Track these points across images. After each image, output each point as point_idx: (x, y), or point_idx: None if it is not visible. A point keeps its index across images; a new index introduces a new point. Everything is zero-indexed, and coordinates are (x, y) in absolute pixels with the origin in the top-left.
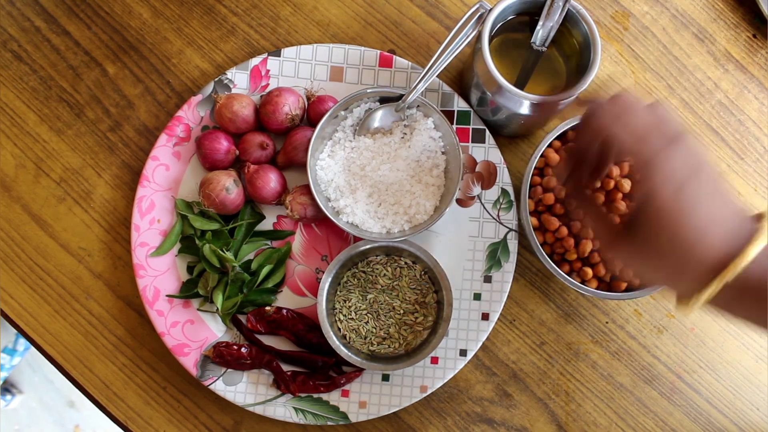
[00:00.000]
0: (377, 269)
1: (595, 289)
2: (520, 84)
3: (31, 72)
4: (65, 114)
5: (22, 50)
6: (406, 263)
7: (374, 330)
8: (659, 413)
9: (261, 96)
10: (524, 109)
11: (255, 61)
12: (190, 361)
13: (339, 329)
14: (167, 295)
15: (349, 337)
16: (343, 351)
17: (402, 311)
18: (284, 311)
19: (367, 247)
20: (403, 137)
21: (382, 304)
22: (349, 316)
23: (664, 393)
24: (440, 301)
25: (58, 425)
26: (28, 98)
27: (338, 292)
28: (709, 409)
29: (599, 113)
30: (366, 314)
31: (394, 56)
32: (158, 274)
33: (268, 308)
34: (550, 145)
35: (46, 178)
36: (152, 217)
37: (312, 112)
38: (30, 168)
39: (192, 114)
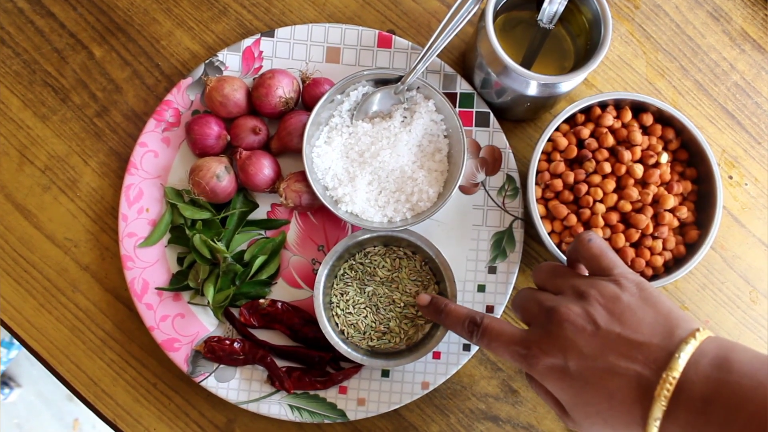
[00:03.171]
0: (375, 260)
1: None
2: (526, 64)
3: (14, 55)
4: (50, 99)
5: (4, 33)
6: (405, 254)
7: (374, 324)
8: None
9: (254, 79)
10: (531, 90)
11: (247, 42)
12: (180, 357)
13: (337, 324)
14: (156, 288)
15: (348, 333)
16: (341, 347)
17: (402, 304)
18: (279, 304)
19: (365, 237)
20: (403, 121)
21: (381, 297)
22: (347, 311)
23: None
24: (442, 293)
25: (57, 419)
26: (11, 83)
27: (335, 285)
28: None
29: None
30: (365, 308)
31: (394, 36)
32: (147, 265)
33: (262, 301)
34: (557, 129)
35: (31, 166)
36: (140, 206)
37: (307, 96)
38: (13, 156)
39: (182, 98)
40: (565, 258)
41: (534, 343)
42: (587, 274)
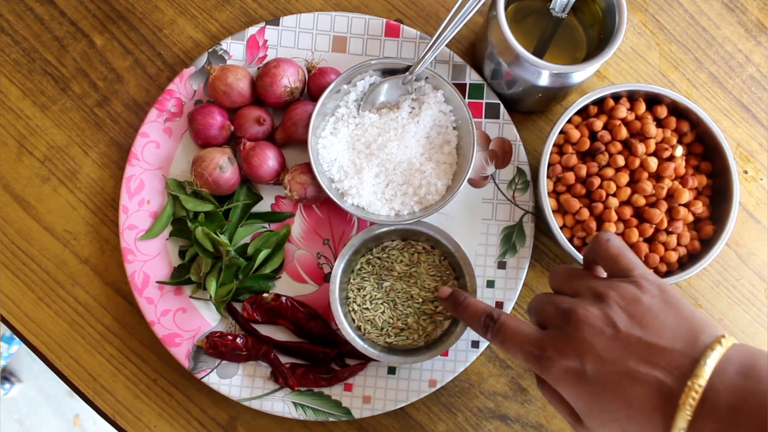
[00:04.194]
0: (393, 255)
1: None
2: (538, 55)
3: (13, 43)
4: (50, 88)
5: (3, 20)
6: (424, 248)
7: (391, 320)
8: None
9: (258, 68)
10: (542, 80)
11: (252, 30)
12: (181, 352)
13: (353, 320)
14: (157, 282)
15: (364, 329)
16: (358, 343)
17: (421, 300)
18: (283, 299)
19: (382, 230)
20: (411, 112)
21: (399, 292)
22: (364, 306)
23: None
24: (462, 289)
25: (57, 414)
26: (9, 71)
27: (352, 280)
28: None
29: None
30: (382, 303)
31: (401, 25)
32: (148, 258)
33: (265, 295)
34: (569, 121)
35: (30, 157)
36: (141, 198)
37: (313, 85)
38: (12, 146)
39: (184, 87)
40: (576, 252)
41: (550, 345)
42: (605, 276)
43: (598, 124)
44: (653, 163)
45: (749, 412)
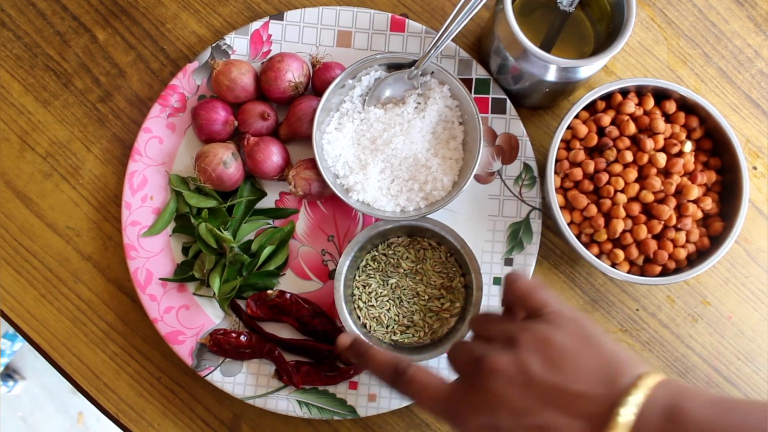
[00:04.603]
0: (399, 252)
1: (627, 273)
2: (545, 49)
3: (16, 39)
4: (52, 84)
5: (5, 15)
6: (430, 244)
7: (397, 318)
8: None
9: (262, 63)
10: (550, 75)
11: (256, 25)
12: (185, 350)
13: (359, 317)
14: (160, 279)
15: (370, 326)
16: None
17: (427, 297)
18: (287, 295)
19: (388, 227)
20: (416, 107)
21: (405, 289)
22: (369, 303)
23: (699, 386)
24: (468, 285)
25: (61, 412)
26: (11, 67)
27: (357, 277)
28: None
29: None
30: (387, 301)
31: (407, 20)
32: (151, 255)
33: (269, 292)
34: (577, 116)
35: (32, 153)
36: (144, 194)
37: (317, 80)
38: (14, 142)
39: (187, 82)
40: (583, 249)
41: (461, 399)
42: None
43: (606, 119)
44: (662, 158)
45: None
